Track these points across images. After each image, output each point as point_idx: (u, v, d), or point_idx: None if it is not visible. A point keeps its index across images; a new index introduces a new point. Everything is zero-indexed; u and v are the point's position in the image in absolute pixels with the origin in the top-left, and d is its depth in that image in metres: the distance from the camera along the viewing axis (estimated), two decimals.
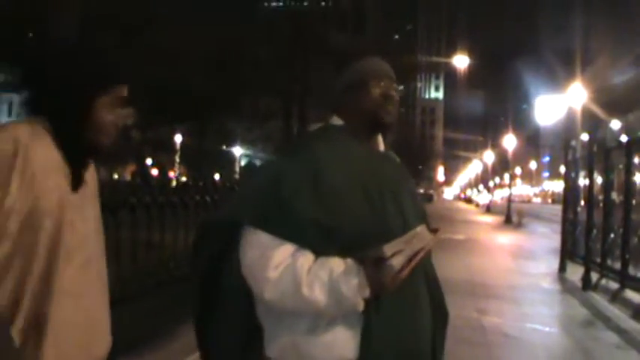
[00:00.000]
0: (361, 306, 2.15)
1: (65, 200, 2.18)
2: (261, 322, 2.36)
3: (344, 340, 2.21)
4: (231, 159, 69.04)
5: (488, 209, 57.69)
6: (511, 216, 39.04)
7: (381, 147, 2.50)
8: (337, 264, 2.16)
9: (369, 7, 52.93)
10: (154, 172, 56.49)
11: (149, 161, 51.37)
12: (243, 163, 72.98)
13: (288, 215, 2.17)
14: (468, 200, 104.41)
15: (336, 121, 2.47)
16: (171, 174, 57.58)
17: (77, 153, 2.24)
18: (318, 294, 2.13)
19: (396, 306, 2.23)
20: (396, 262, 2.09)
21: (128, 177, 49.54)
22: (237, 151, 69.32)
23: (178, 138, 51.10)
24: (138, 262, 5.15)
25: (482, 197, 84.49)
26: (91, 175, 2.38)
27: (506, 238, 25.73)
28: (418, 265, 2.16)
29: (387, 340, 2.22)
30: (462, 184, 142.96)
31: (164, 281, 5.63)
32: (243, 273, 2.25)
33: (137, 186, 5.13)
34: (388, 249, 2.10)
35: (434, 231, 2.29)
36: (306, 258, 2.16)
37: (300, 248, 2.17)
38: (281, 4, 50.37)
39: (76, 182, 2.24)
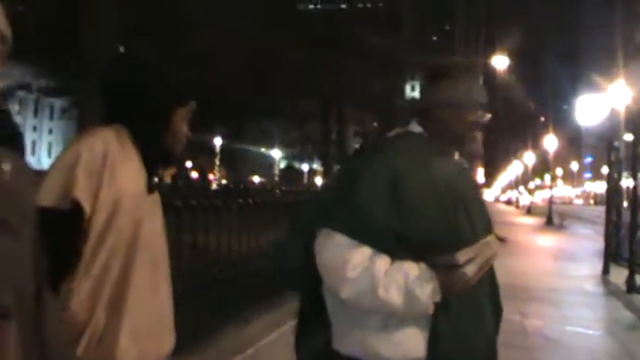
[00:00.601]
0: (432, 309, 2.25)
1: (141, 202, 2.32)
2: (331, 316, 2.45)
3: (413, 339, 2.30)
4: (270, 161, 69.26)
5: (529, 211, 57.08)
6: (552, 217, 38.57)
7: (456, 156, 2.59)
8: (412, 268, 2.25)
9: (405, 8, 52.57)
10: (194, 174, 56.94)
11: (189, 164, 51.81)
12: (282, 165, 73.16)
13: (366, 220, 2.26)
14: (508, 202, 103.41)
15: (416, 127, 2.54)
16: (211, 177, 57.98)
17: (154, 159, 2.40)
18: (393, 296, 2.23)
19: (463, 309, 2.32)
20: (469, 270, 2.21)
21: (168, 180, 50.01)
22: (276, 153, 69.49)
23: (218, 141, 51.44)
24: (182, 264, 5.22)
25: (522, 199, 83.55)
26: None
27: (548, 240, 25.47)
28: (484, 273, 2.27)
29: (454, 341, 2.30)
30: (502, 186, 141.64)
31: (208, 283, 5.70)
32: (319, 270, 2.35)
33: (181, 189, 5.20)
34: (461, 256, 2.21)
35: (501, 239, 2.43)
36: (384, 261, 2.26)
37: (377, 252, 2.27)
38: (317, 6, 50.30)
39: (151, 186, 2.38)
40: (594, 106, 40.76)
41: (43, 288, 1.53)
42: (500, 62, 52.16)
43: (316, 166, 67.86)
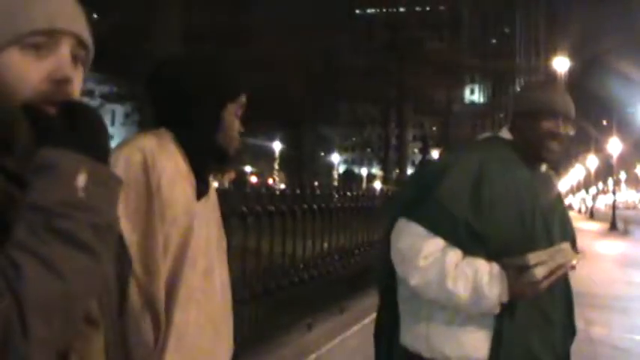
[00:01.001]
0: (497, 309, 2.27)
1: (192, 209, 2.22)
2: (400, 311, 2.52)
3: (476, 340, 2.33)
4: (329, 165, 69.40)
5: (592, 215, 56.03)
6: (616, 223, 37.76)
7: (543, 168, 2.59)
8: (483, 265, 2.29)
9: (465, 11, 52.26)
10: (253, 179, 57.37)
11: (248, 168, 52.24)
12: (341, 169, 73.29)
13: (444, 213, 2.32)
14: (570, 207, 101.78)
15: (506, 133, 2.59)
16: (270, 181, 58.37)
17: (203, 162, 2.28)
18: (461, 289, 2.27)
19: (530, 319, 2.33)
20: (538, 271, 2.21)
21: (226, 184, 50.51)
22: (335, 157, 69.62)
23: (277, 145, 51.76)
24: (247, 270, 5.26)
25: (583, 203, 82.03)
26: (211, 185, 2.44)
27: (612, 246, 24.96)
28: (558, 280, 2.27)
29: (517, 348, 2.31)
30: (563, 190, 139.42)
31: (271, 289, 5.73)
32: (392, 257, 2.43)
33: (246, 194, 5.24)
34: (532, 258, 2.23)
35: (578, 252, 2.42)
36: (456, 254, 2.31)
37: (451, 244, 2.32)
38: (377, 10, 50.28)
39: (200, 191, 2.28)
40: None
41: (125, 299, 1.52)
42: (560, 64, 51.39)
43: (375, 170, 67.76)
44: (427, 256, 2.31)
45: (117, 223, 1.27)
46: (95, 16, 20.29)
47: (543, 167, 2.60)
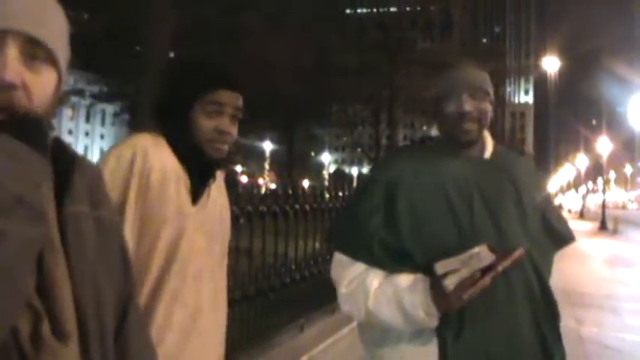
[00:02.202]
0: (432, 323, 2.13)
1: (184, 211, 2.18)
2: (359, 334, 2.46)
3: (424, 356, 2.19)
4: (320, 165, 69.45)
5: (582, 215, 56.27)
6: (606, 222, 37.91)
7: (487, 153, 2.39)
8: (404, 280, 2.17)
9: (456, 11, 52.37)
10: (244, 179, 57.29)
11: (239, 168, 52.18)
12: (331, 169, 73.32)
13: (360, 235, 2.24)
14: (560, 207, 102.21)
15: (435, 130, 2.42)
16: (261, 181, 58.35)
17: (194, 164, 2.23)
18: (383, 309, 2.18)
19: (477, 326, 2.16)
20: (449, 281, 2.03)
21: None
22: (326, 157, 69.68)
23: (268, 145, 51.76)
24: (239, 271, 5.26)
25: (574, 203, 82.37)
26: (219, 192, 2.40)
27: (602, 245, 25.03)
28: (485, 286, 2.03)
29: (467, 357, 2.16)
30: (553, 190, 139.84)
31: (263, 290, 5.73)
32: None
33: (237, 194, 5.22)
34: (440, 267, 2.05)
35: (510, 251, 2.09)
36: (377, 275, 2.22)
37: (372, 266, 2.23)
38: (368, 10, 50.35)
39: (196, 195, 2.23)
40: None
41: (126, 318, 1.40)
42: (550, 64, 51.58)
43: (365, 170, 67.87)
44: (350, 283, 2.25)
45: (34, 198, 1.14)
46: (86, 16, 20.27)
47: (487, 153, 2.39)
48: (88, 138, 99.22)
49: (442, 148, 2.33)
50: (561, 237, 2.51)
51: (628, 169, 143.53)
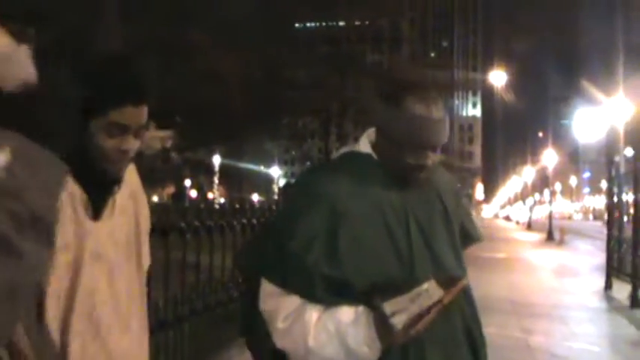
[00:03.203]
0: (375, 357, 2.05)
1: (84, 230, 2.04)
2: None
3: None
4: (269, 180, 69.33)
5: (529, 226, 57.09)
6: (553, 233, 38.54)
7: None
8: (346, 313, 2.07)
9: (404, 26, 52.94)
10: (193, 193, 56.90)
11: (187, 182, 51.81)
12: (281, 183, 73.22)
13: (297, 267, 2.07)
14: (507, 218, 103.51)
15: (365, 145, 2.26)
16: (210, 195, 57.99)
17: (89, 181, 2.05)
18: (325, 345, 2.06)
19: (419, 353, 2.11)
20: (398, 320, 1.98)
21: (166, 199, 49.89)
22: (275, 171, 69.61)
23: (217, 159, 51.49)
24: (187, 285, 5.20)
25: (521, 214, 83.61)
26: (133, 201, 2.26)
27: (549, 256, 25.41)
28: (431, 321, 2.00)
29: None
30: (501, 202, 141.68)
31: (211, 304, 5.67)
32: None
33: (185, 209, 5.18)
34: (389, 306, 1.99)
35: (453, 282, 2.06)
36: (316, 309, 2.08)
37: (309, 300, 2.09)
38: (317, 24, 50.56)
39: (96, 210, 2.09)
40: (593, 121, 40.82)
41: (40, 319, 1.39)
42: (498, 78, 52.37)
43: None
44: (287, 317, 2.09)
45: (51, 217, 1.08)
46: (33, 31, 19.93)
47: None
48: None
49: (378, 168, 2.20)
50: (469, 236, 2.46)
51: (573, 181, 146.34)
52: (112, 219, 2.13)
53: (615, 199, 15.90)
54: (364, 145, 2.26)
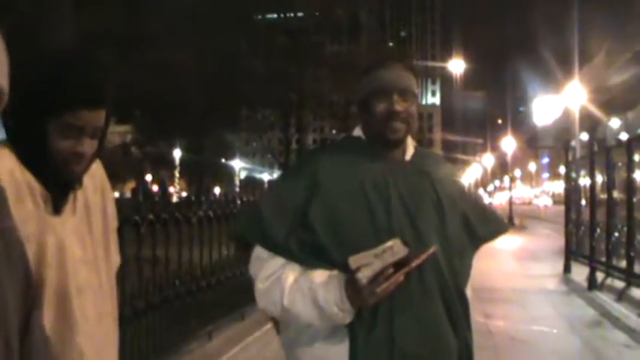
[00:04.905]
0: (346, 319, 2.13)
1: (47, 223, 2.01)
2: (280, 334, 2.42)
3: (336, 354, 2.19)
4: (230, 172, 69.07)
5: None
6: (513, 218, 38.99)
7: (408, 154, 2.40)
8: (319, 275, 2.16)
9: (363, 16, 52.96)
10: (154, 187, 56.46)
11: (149, 177, 51.42)
12: (242, 176, 73.05)
13: (275, 229, 2.21)
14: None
15: (358, 131, 2.42)
16: (172, 189, 57.61)
17: (48, 178, 2.03)
18: (298, 305, 2.17)
19: (390, 322, 2.16)
20: (362, 275, 2.04)
21: (128, 194, 49.48)
22: (237, 164, 69.39)
23: (177, 153, 51.14)
24: (143, 279, 5.13)
25: None
26: (97, 193, 2.24)
27: (510, 241, 25.64)
28: (399, 282, 2.06)
29: (378, 353, 2.16)
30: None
31: (169, 298, 5.62)
32: None
33: (140, 203, 5.11)
34: (353, 261, 2.06)
35: (421, 251, 2.13)
36: (293, 270, 2.19)
37: (290, 261, 2.20)
38: (276, 16, 50.36)
39: (57, 205, 2.06)
40: (550, 107, 41.35)
41: (32, 318, 1.40)
42: (456, 66, 52.76)
43: (276, 175, 67.99)
44: (267, 278, 2.22)
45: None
46: None
47: (408, 155, 2.40)
48: None
49: (365, 148, 2.34)
50: (484, 234, 2.50)
51: (532, 167, 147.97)
52: (75, 215, 2.11)
53: (572, 183, 16.11)
54: (357, 130, 2.42)
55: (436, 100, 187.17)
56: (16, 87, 1.93)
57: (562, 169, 20.00)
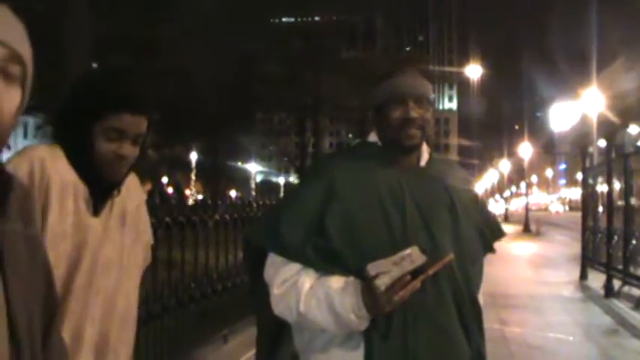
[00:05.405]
0: (362, 325, 2.13)
1: (85, 223, 2.16)
2: (294, 341, 2.41)
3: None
4: (246, 176, 69.18)
5: (506, 218, 57.40)
6: (529, 224, 38.80)
7: (423, 161, 2.41)
8: (336, 281, 2.16)
9: (379, 20, 52.99)
10: (170, 190, 56.65)
11: (165, 179, 51.57)
12: (258, 179, 73.15)
13: (292, 236, 2.22)
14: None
15: (373, 135, 2.43)
16: (188, 192, 57.75)
17: (91, 179, 2.20)
18: (314, 310, 2.16)
19: (405, 329, 2.16)
20: (380, 282, 2.04)
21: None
22: (253, 167, 69.49)
23: (194, 156, 51.28)
24: (159, 283, 5.15)
25: (498, 207, 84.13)
26: (132, 199, 2.38)
27: (526, 247, 25.58)
28: (415, 289, 2.07)
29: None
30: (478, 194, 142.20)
31: (185, 301, 5.63)
32: None
33: (156, 205, 5.13)
34: (372, 268, 2.06)
35: (438, 258, 2.14)
36: (309, 276, 2.20)
37: (306, 267, 2.20)
38: (292, 19, 50.45)
39: (97, 207, 2.22)
40: (568, 113, 41.11)
41: (53, 323, 1.42)
42: (473, 72, 52.65)
43: (292, 179, 67.98)
44: (283, 283, 2.22)
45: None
46: None
47: (423, 161, 2.41)
48: (10, 152, 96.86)
49: (380, 154, 2.34)
50: (490, 238, 2.52)
51: (549, 173, 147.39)
52: (110, 220, 2.25)
53: (590, 190, 16.01)
54: (372, 136, 2.43)
55: (453, 105, 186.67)
56: (68, 97, 2.23)
57: (579, 176, 19.86)
